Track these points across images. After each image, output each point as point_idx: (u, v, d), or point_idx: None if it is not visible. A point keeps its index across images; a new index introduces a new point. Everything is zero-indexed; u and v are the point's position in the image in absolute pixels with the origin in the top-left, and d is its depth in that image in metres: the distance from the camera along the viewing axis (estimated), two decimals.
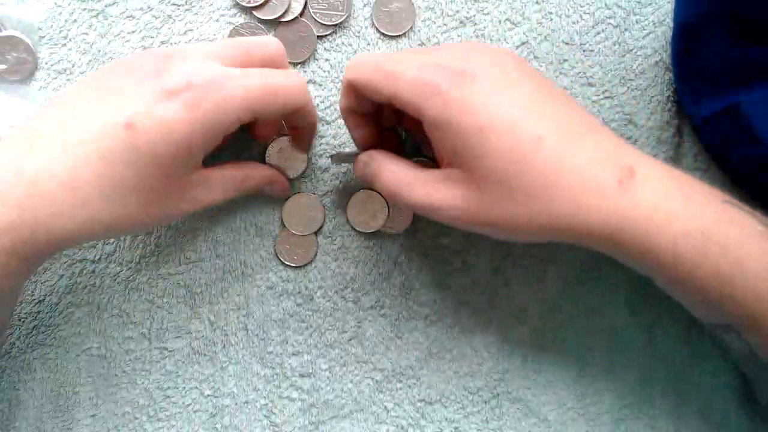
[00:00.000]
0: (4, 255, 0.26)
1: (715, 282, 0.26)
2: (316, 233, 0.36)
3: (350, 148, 0.35)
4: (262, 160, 0.35)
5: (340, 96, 0.32)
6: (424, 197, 0.29)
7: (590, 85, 0.36)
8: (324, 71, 0.36)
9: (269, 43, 0.31)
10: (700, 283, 0.26)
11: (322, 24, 0.35)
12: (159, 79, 0.27)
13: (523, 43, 0.36)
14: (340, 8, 0.35)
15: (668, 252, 0.26)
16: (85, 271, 0.35)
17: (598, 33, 0.36)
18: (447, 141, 0.28)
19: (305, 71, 0.36)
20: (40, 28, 0.35)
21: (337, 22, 0.35)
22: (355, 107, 0.31)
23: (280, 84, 0.29)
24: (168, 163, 0.28)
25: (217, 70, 0.28)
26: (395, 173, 0.30)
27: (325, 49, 0.36)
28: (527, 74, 0.28)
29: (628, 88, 0.36)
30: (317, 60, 0.36)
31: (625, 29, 0.36)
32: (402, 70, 0.28)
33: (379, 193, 0.35)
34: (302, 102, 0.31)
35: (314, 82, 0.36)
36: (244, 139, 0.34)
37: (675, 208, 0.26)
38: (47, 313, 0.35)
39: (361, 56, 0.30)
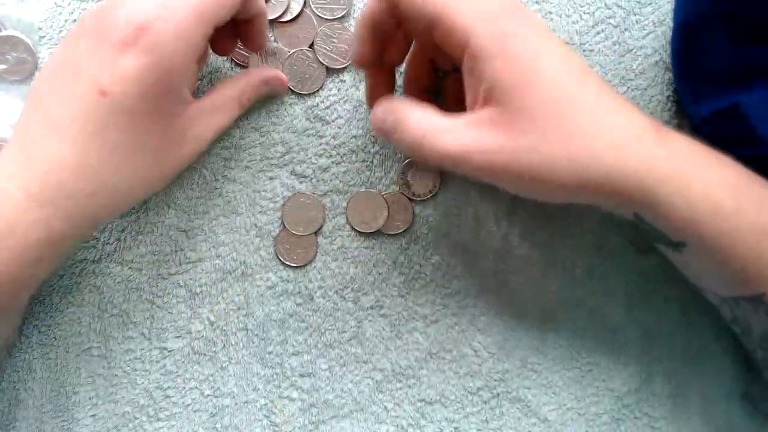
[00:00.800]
0: (38, 248, 0.27)
1: (751, 241, 0.25)
2: (316, 233, 0.36)
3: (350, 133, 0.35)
4: None
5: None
6: (451, 143, 0.26)
7: None
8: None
9: None
10: (735, 243, 0.26)
11: (323, 18, 0.35)
12: (110, 32, 0.27)
13: None
14: (342, 2, 0.35)
15: (707, 203, 0.25)
16: (85, 271, 0.35)
17: (598, 33, 0.36)
18: (493, 72, 0.26)
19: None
20: (40, 28, 0.35)
21: (338, 16, 0.35)
22: (378, 24, 0.29)
23: None
24: (153, 110, 0.28)
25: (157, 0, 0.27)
26: (420, 120, 0.27)
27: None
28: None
29: (628, 88, 0.36)
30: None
31: (625, 29, 0.36)
32: None
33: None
34: None
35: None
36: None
37: (710, 163, 0.26)
38: (47, 313, 0.35)
39: None
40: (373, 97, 0.32)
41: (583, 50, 0.36)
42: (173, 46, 0.27)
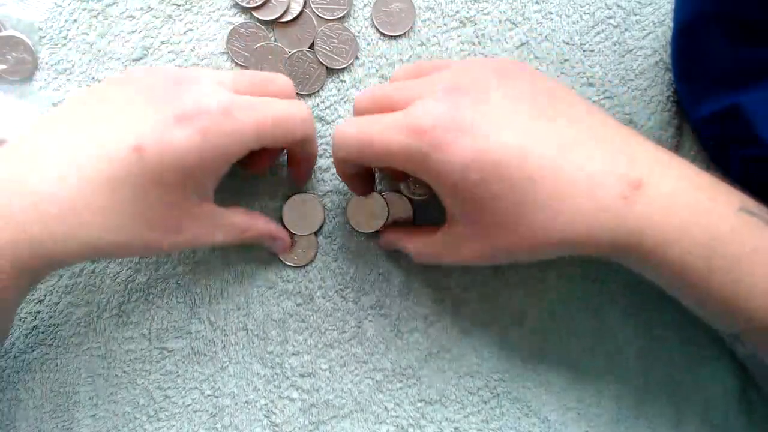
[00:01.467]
0: (3, 272, 0.25)
1: (724, 293, 0.26)
2: (316, 233, 0.36)
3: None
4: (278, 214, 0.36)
5: (335, 165, 0.32)
6: (452, 258, 0.31)
7: (590, 85, 0.36)
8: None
9: (278, 77, 0.31)
10: (709, 295, 0.26)
11: (323, 18, 0.35)
12: (170, 102, 0.27)
13: (523, 44, 0.36)
14: (342, 2, 0.35)
15: (677, 265, 0.26)
16: (85, 271, 0.35)
17: (598, 33, 0.36)
18: (448, 201, 0.29)
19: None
20: (40, 28, 0.35)
21: (338, 16, 0.35)
22: (355, 173, 0.32)
23: (290, 114, 0.30)
24: (174, 190, 0.27)
25: (229, 98, 0.28)
26: (419, 249, 0.32)
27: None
28: (525, 89, 0.28)
29: (628, 88, 0.36)
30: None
31: (625, 29, 0.36)
32: (387, 139, 0.27)
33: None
34: (308, 132, 0.31)
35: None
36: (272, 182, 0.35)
37: (685, 221, 0.26)
38: (47, 313, 0.35)
39: (341, 133, 0.29)
40: (355, 189, 0.34)
41: (583, 50, 0.36)
42: (224, 144, 0.27)
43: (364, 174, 0.33)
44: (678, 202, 0.26)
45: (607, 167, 0.26)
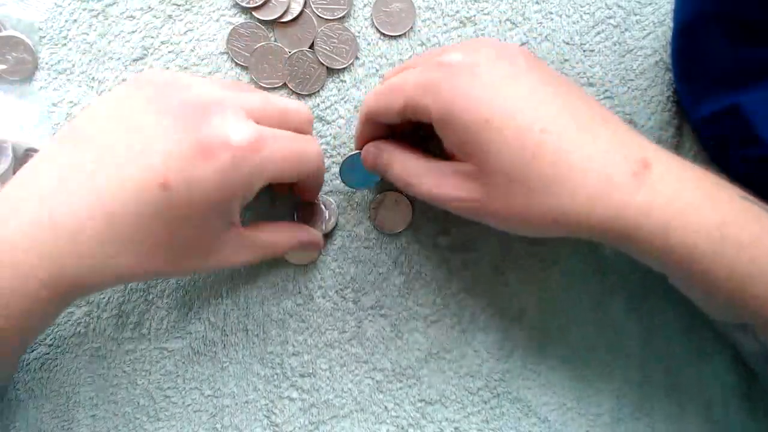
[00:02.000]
0: (36, 302, 0.26)
1: (731, 280, 0.26)
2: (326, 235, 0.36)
3: (351, 147, 0.35)
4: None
5: (356, 131, 0.33)
6: (434, 189, 0.29)
7: (590, 85, 0.36)
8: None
9: (302, 109, 0.31)
10: (716, 281, 0.26)
11: (323, 18, 0.35)
12: (195, 132, 0.26)
13: (523, 44, 0.36)
14: (342, 2, 0.35)
15: (683, 248, 0.26)
16: None
17: (598, 33, 0.36)
18: (453, 136, 0.28)
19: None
20: (40, 28, 0.35)
21: (338, 16, 0.35)
22: (374, 135, 0.32)
23: (309, 151, 0.30)
24: (201, 220, 0.27)
25: (255, 131, 0.27)
26: (405, 165, 0.31)
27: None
28: (535, 67, 0.28)
29: (628, 88, 0.36)
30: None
31: (625, 29, 0.36)
32: (405, 78, 0.29)
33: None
34: (321, 166, 0.32)
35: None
36: None
37: (692, 203, 0.26)
38: None
39: (371, 91, 0.31)
40: (362, 141, 0.33)
41: (584, 50, 0.36)
42: (250, 178, 0.27)
43: (380, 130, 0.33)
44: (684, 184, 0.26)
45: (615, 146, 0.27)
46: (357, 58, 0.36)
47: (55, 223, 0.25)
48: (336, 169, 0.35)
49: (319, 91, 0.36)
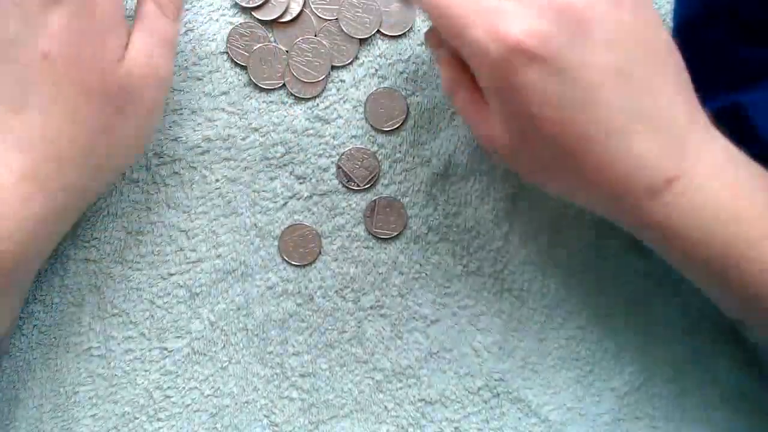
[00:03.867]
0: (32, 225, 0.27)
1: (746, 291, 0.26)
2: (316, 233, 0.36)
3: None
4: None
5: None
6: (486, 131, 0.29)
7: None
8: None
9: None
10: (726, 274, 0.26)
11: (322, 18, 0.35)
12: None
13: None
14: (342, 2, 0.35)
15: (700, 262, 0.27)
16: (85, 271, 0.35)
17: None
18: (501, 112, 0.27)
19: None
20: None
21: (337, 17, 0.35)
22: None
23: None
24: (91, 65, 0.28)
25: None
26: (462, 98, 0.30)
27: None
28: (628, 38, 0.26)
29: None
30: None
31: None
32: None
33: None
34: None
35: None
36: None
37: (718, 223, 0.26)
38: (47, 313, 0.35)
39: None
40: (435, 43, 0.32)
41: None
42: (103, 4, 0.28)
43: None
44: (711, 194, 0.26)
45: (652, 154, 0.26)
46: (356, 57, 0.36)
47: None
48: (335, 169, 0.35)
49: (319, 91, 0.36)
